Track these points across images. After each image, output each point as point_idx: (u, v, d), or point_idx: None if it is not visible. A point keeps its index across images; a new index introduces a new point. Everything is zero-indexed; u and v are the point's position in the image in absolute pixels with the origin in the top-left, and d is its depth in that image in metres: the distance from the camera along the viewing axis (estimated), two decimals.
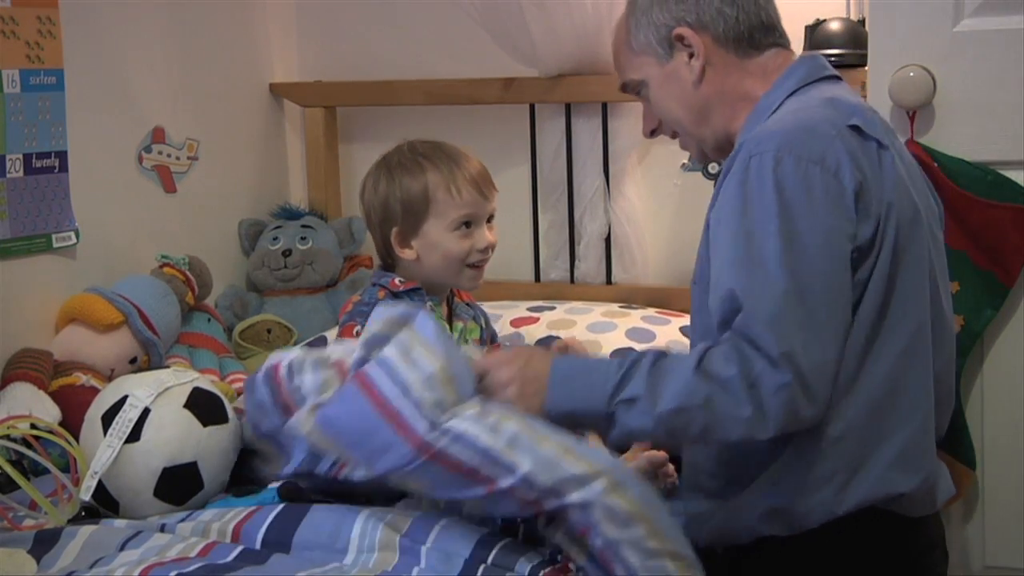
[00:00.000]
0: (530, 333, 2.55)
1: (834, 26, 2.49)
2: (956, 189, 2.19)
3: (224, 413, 1.91)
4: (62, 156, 2.45)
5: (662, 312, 2.67)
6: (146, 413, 1.85)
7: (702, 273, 1.74)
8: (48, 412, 2.15)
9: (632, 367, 1.61)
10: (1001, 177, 2.19)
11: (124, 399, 1.87)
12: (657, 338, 2.50)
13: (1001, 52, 2.17)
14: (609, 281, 2.87)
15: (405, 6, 3.03)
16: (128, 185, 2.69)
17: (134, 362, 2.43)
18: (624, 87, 1.92)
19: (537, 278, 2.97)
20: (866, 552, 1.71)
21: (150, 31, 2.72)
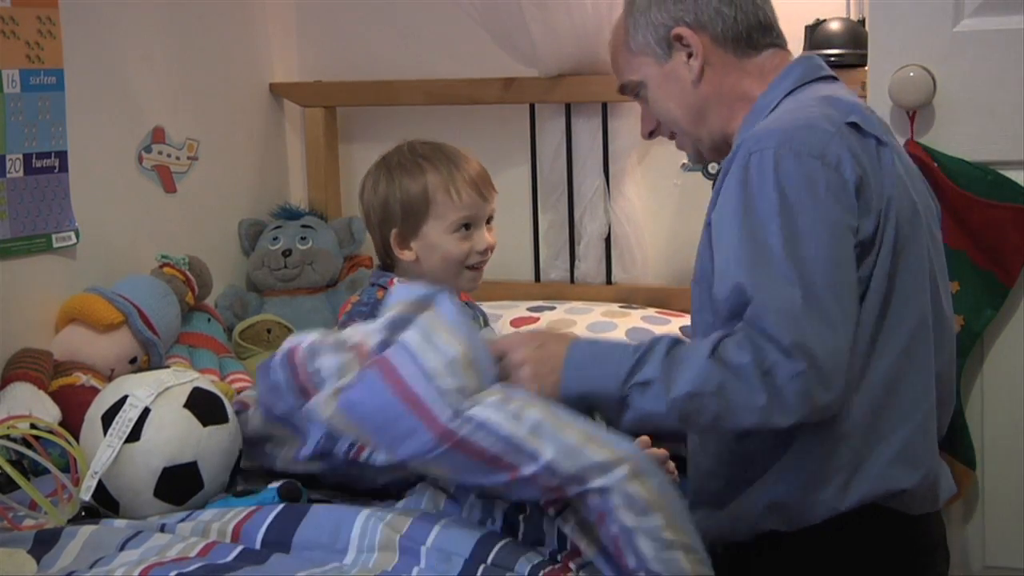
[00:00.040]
0: None
1: (834, 26, 2.49)
2: (956, 189, 2.19)
3: (224, 413, 1.91)
4: (62, 156, 2.45)
5: (662, 312, 2.67)
6: (146, 413, 1.84)
7: (703, 272, 1.74)
8: (48, 412, 2.15)
9: (648, 351, 1.62)
10: (1001, 177, 2.20)
11: (124, 399, 1.86)
12: None
13: (1001, 52, 2.17)
14: (609, 281, 2.87)
15: (405, 6, 3.03)
16: (128, 185, 2.68)
17: (134, 362, 2.43)
18: (622, 89, 1.92)
19: (537, 278, 2.97)
20: (868, 551, 1.71)
21: (150, 31, 2.72)
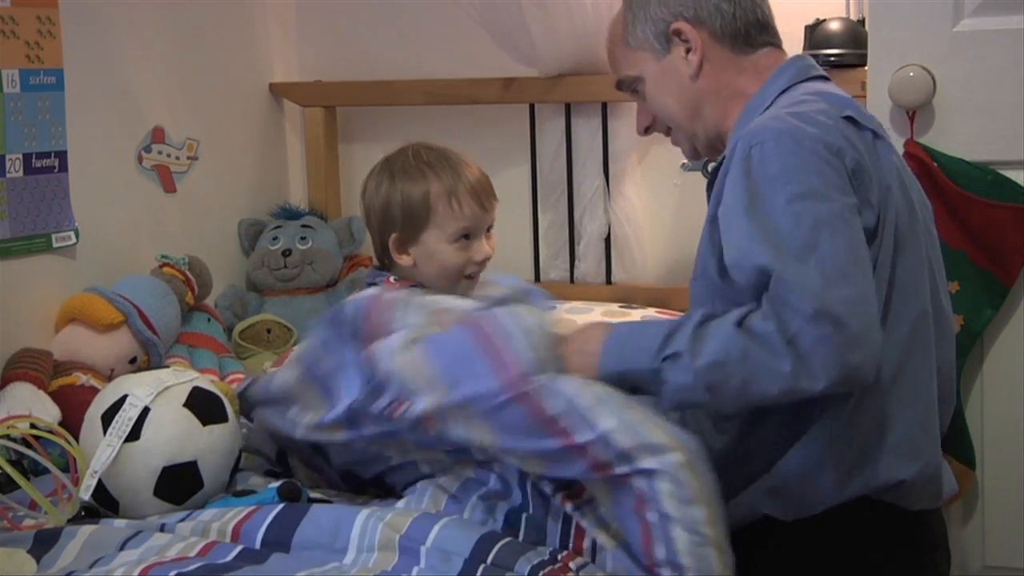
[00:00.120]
0: None
1: (834, 26, 2.49)
2: (956, 189, 2.19)
3: (224, 412, 1.91)
4: (62, 156, 2.45)
5: (662, 312, 2.67)
6: (146, 412, 1.84)
7: (703, 269, 1.75)
8: (48, 412, 2.15)
9: (679, 327, 1.64)
10: (1001, 177, 2.20)
11: (124, 398, 1.86)
12: None
13: (1001, 52, 2.17)
14: (609, 281, 2.87)
15: (405, 6, 3.03)
16: (128, 185, 2.68)
17: (134, 362, 2.43)
18: (619, 84, 1.92)
19: (537, 278, 2.97)
20: (867, 547, 1.72)
21: (150, 31, 2.72)
